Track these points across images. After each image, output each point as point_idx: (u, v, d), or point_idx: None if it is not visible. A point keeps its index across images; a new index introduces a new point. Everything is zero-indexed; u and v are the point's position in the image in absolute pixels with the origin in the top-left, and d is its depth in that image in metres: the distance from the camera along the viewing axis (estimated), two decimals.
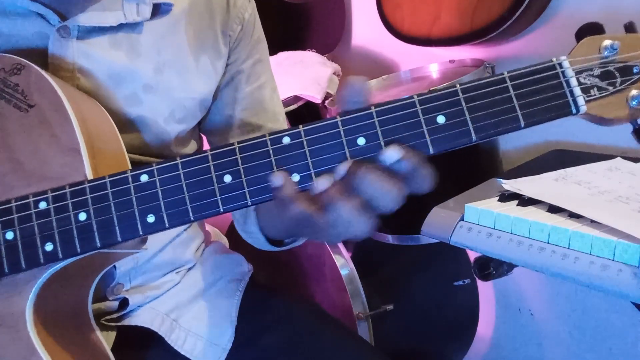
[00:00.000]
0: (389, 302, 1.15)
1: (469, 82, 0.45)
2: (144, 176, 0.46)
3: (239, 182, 0.45)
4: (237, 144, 0.45)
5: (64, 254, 0.47)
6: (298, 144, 0.45)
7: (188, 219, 0.46)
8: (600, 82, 0.45)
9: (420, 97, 0.45)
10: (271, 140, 0.45)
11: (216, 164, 0.46)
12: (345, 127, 0.45)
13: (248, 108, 0.73)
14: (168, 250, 0.72)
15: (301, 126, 0.45)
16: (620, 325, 1.12)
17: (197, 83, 0.67)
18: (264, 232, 0.72)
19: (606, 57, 0.46)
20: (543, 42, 1.11)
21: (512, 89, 0.45)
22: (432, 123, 0.44)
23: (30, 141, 0.51)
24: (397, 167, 0.43)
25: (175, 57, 0.65)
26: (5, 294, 0.49)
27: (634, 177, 0.74)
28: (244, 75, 0.73)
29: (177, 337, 0.70)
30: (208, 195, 0.46)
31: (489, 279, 0.74)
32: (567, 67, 0.45)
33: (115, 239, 0.47)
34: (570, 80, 0.45)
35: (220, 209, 0.46)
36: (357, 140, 0.44)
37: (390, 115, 0.44)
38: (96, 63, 0.60)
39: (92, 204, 0.47)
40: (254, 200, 0.45)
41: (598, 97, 0.45)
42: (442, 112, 0.44)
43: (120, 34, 0.61)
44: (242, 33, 0.72)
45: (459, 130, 0.44)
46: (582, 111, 0.45)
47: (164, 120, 0.65)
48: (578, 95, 0.45)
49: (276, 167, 0.45)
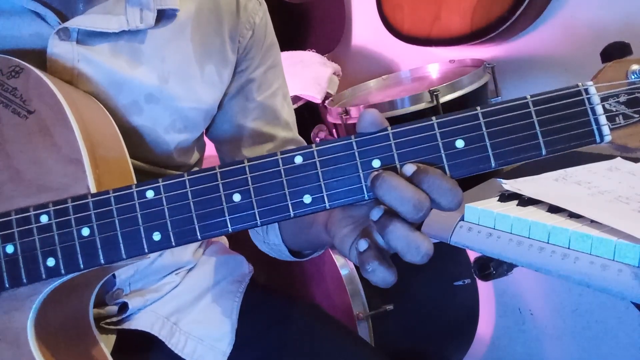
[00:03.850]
0: (389, 302, 1.15)
1: (490, 106, 0.43)
2: (149, 192, 0.45)
3: (248, 202, 0.44)
4: (247, 162, 0.44)
5: (67, 270, 0.46)
6: (311, 164, 0.43)
7: (195, 237, 0.44)
8: (627, 109, 0.43)
9: (439, 120, 0.43)
10: (283, 159, 0.44)
11: (225, 182, 0.44)
12: (360, 149, 0.43)
13: (260, 118, 0.71)
14: (167, 254, 0.71)
15: (314, 145, 0.44)
16: (620, 325, 1.12)
17: (201, 92, 0.65)
18: (286, 244, 0.71)
19: (634, 83, 0.43)
20: (543, 42, 1.11)
21: (534, 115, 0.43)
22: (451, 147, 0.43)
23: (29, 149, 0.49)
24: (417, 180, 0.41)
25: (179, 66, 0.62)
26: (6, 308, 0.47)
27: (634, 177, 0.74)
28: (255, 84, 0.70)
29: (177, 340, 0.69)
30: (216, 214, 0.44)
31: (489, 279, 0.74)
32: (593, 94, 0.43)
33: (120, 256, 0.45)
34: (596, 107, 0.43)
35: (229, 228, 0.44)
36: (372, 162, 0.43)
37: (408, 138, 0.43)
38: (96, 69, 0.57)
39: (95, 219, 0.45)
40: (264, 221, 0.44)
41: (623, 125, 0.43)
42: (461, 137, 0.43)
43: (122, 41, 0.58)
44: (253, 39, 0.69)
45: (479, 156, 0.43)
46: (607, 140, 0.43)
47: (164, 130, 0.63)
48: (603, 124, 0.43)
49: (287, 187, 0.43)
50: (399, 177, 0.41)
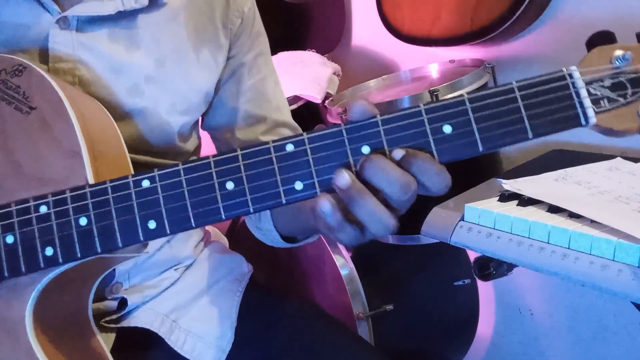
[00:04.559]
0: (389, 302, 1.15)
1: (476, 92, 0.44)
2: (145, 182, 0.46)
3: (241, 189, 0.45)
4: (240, 150, 0.45)
5: (64, 259, 0.47)
6: (301, 151, 0.45)
7: (189, 225, 0.46)
8: (611, 93, 0.44)
9: (426, 106, 0.44)
10: (274, 147, 0.45)
11: (219, 170, 0.45)
12: (349, 136, 0.44)
13: (251, 100, 0.74)
14: (166, 249, 0.72)
15: (305, 134, 0.45)
16: (619, 325, 1.12)
17: (198, 76, 0.68)
18: (278, 229, 0.72)
19: (617, 68, 0.44)
20: (543, 42, 1.11)
21: (520, 100, 0.44)
22: (438, 133, 0.44)
23: (30, 144, 0.50)
24: (406, 164, 0.43)
25: (175, 50, 0.65)
26: (5, 298, 0.49)
27: (634, 177, 0.74)
28: (246, 68, 0.74)
29: (177, 338, 0.70)
30: (210, 202, 0.45)
31: (489, 279, 0.74)
32: (577, 78, 0.44)
33: (116, 244, 0.46)
34: (581, 91, 0.44)
35: (222, 215, 0.45)
36: (362, 149, 0.44)
37: (396, 124, 0.44)
38: (96, 55, 0.60)
39: (92, 209, 0.47)
40: (256, 208, 0.45)
41: (608, 108, 0.44)
42: (448, 122, 0.44)
43: (119, 27, 0.61)
44: (242, 26, 0.72)
45: (466, 141, 0.44)
46: (592, 123, 0.44)
47: (166, 112, 0.66)
48: (588, 106, 0.44)
49: (279, 174, 0.45)
50: (387, 160, 0.43)
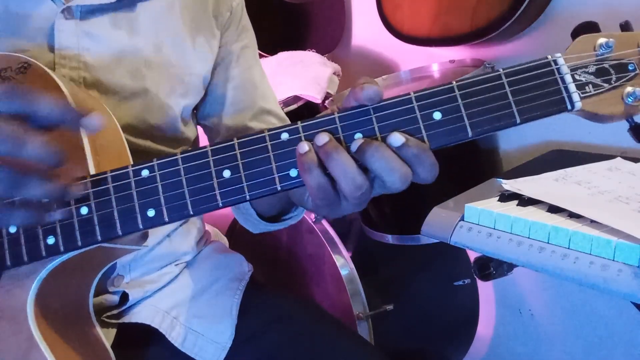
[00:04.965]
0: (389, 302, 1.15)
1: (465, 79, 0.45)
2: (144, 171, 0.47)
3: (237, 177, 0.46)
4: (237, 139, 0.46)
5: (66, 248, 0.48)
6: (296, 139, 0.46)
7: (187, 212, 0.47)
8: (596, 79, 0.46)
9: (416, 94, 0.45)
10: (270, 136, 0.46)
11: (216, 159, 0.47)
12: (342, 124, 0.46)
13: (239, 86, 0.78)
14: (166, 243, 0.73)
15: (299, 122, 0.46)
16: (620, 325, 1.12)
17: (195, 61, 0.72)
18: (254, 207, 0.73)
19: (601, 55, 0.46)
20: (543, 42, 1.11)
21: (507, 86, 0.45)
22: (429, 119, 0.45)
23: None
24: (402, 152, 0.44)
25: (172, 38, 0.69)
26: (7, 287, 0.49)
27: (634, 177, 0.74)
28: (234, 56, 0.78)
29: (177, 334, 0.70)
30: (207, 189, 0.47)
31: (489, 279, 0.74)
32: (562, 64, 0.46)
33: (115, 232, 0.47)
34: (565, 77, 0.45)
35: (219, 203, 0.46)
36: (354, 136, 0.46)
37: (387, 112, 0.45)
38: (100, 42, 0.64)
39: (93, 198, 0.48)
40: (252, 194, 0.46)
41: (593, 93, 0.46)
42: (438, 108, 0.45)
43: (119, 14, 0.65)
44: (231, 19, 0.77)
45: (455, 126, 0.45)
46: (577, 107, 0.45)
47: (166, 95, 0.69)
48: (573, 91, 0.45)
49: (274, 162, 0.46)
50: (389, 149, 0.44)
